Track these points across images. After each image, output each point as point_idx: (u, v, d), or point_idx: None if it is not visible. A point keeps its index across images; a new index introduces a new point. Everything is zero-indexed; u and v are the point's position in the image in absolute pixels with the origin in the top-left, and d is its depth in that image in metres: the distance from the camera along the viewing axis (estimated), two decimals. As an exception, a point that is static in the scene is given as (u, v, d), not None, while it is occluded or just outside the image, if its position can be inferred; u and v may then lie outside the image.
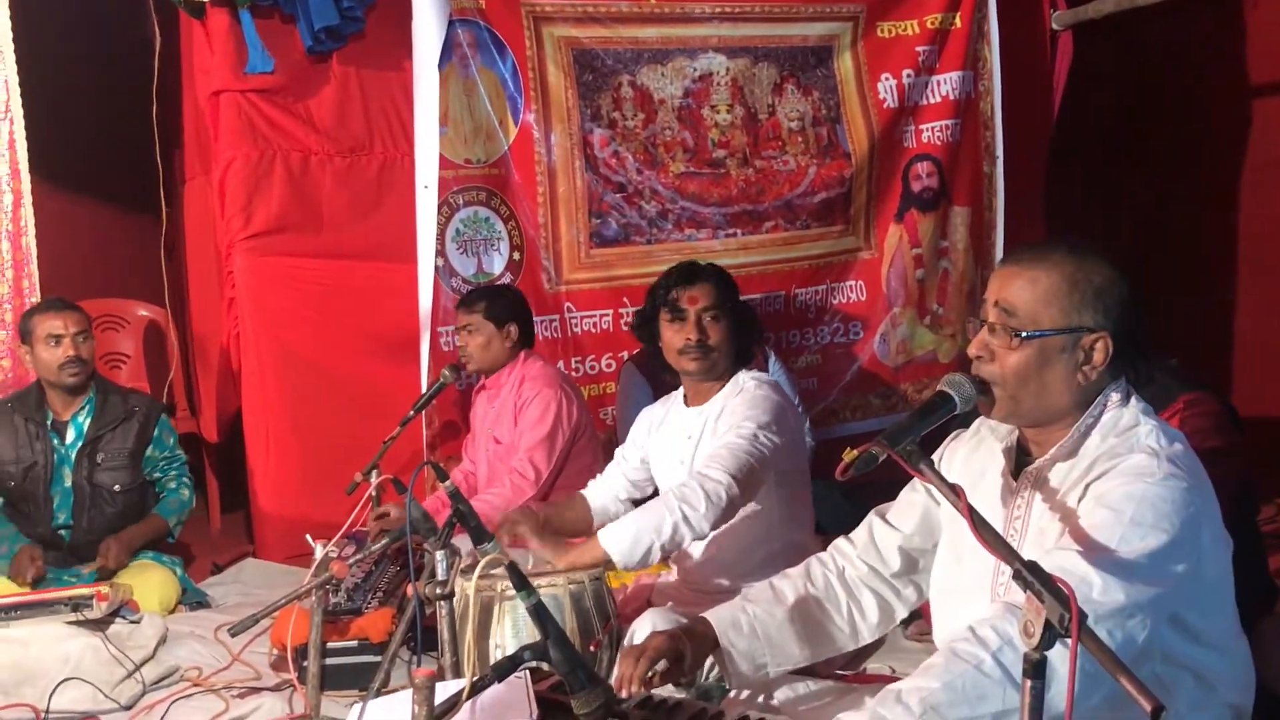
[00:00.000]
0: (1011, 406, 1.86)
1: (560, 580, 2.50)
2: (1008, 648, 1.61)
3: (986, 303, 1.90)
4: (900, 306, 5.51)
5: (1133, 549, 1.67)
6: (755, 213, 5.24)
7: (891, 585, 2.19)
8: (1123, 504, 1.71)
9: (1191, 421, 2.84)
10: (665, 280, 3.10)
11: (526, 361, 4.21)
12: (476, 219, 4.76)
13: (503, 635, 2.45)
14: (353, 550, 3.40)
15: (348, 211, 4.71)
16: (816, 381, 5.43)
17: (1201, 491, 1.77)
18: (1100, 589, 1.62)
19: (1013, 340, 1.83)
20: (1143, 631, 1.65)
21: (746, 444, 2.80)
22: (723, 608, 2.20)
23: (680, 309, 3.02)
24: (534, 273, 4.87)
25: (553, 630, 1.82)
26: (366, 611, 3.20)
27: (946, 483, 1.66)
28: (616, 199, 5.02)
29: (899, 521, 2.19)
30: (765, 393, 2.97)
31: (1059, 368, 1.84)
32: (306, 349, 4.68)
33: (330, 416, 4.69)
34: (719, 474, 2.71)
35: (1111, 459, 1.79)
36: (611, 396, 4.97)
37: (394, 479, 2.93)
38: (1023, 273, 1.86)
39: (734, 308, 3.07)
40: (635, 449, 3.30)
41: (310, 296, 4.67)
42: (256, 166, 4.57)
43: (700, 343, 2.99)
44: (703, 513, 2.66)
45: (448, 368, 4.25)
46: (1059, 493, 1.84)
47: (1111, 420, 1.85)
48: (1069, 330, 1.83)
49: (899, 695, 1.62)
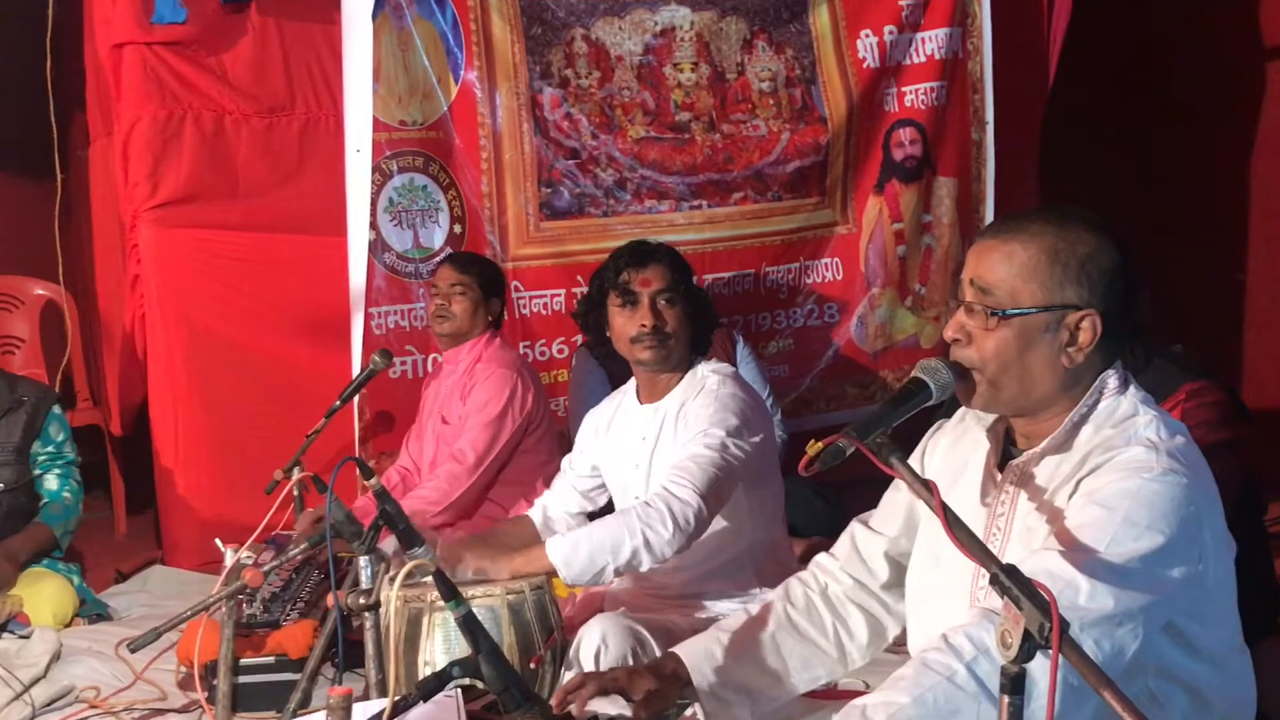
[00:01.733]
0: (992, 394, 1.85)
1: (497, 590, 2.49)
2: (983, 658, 1.61)
3: (963, 281, 1.89)
4: (880, 287, 5.52)
5: (1125, 550, 1.67)
6: (722, 183, 5.24)
7: (880, 599, 2.18)
8: (1116, 501, 1.71)
9: (1194, 413, 2.86)
10: (613, 262, 3.08)
11: (490, 341, 4.20)
12: (413, 187, 4.73)
13: (433, 651, 2.44)
14: (271, 556, 3.37)
15: (267, 178, 4.67)
16: (788, 368, 5.44)
17: (1203, 489, 1.77)
18: (1087, 594, 1.62)
19: (990, 321, 1.82)
20: (1134, 642, 1.65)
21: (716, 456, 2.79)
22: (694, 641, 2.18)
23: (632, 293, 3.01)
24: (477, 248, 4.84)
25: (484, 644, 1.80)
26: (285, 624, 3.18)
27: (919, 479, 1.65)
28: (569, 166, 4.99)
29: (883, 526, 2.18)
30: (731, 390, 2.95)
31: (1042, 350, 1.83)
32: (221, 331, 4.64)
33: (248, 407, 4.66)
34: (687, 493, 2.70)
35: (1106, 452, 1.79)
36: (564, 386, 4.95)
37: (315, 477, 2.91)
38: (999, 246, 1.85)
39: (689, 290, 3.06)
40: (583, 456, 3.28)
41: (225, 273, 4.63)
42: (164, 128, 4.52)
43: (656, 329, 2.98)
44: (667, 538, 2.66)
45: (378, 353, 4.23)
46: (1048, 489, 1.84)
47: (1107, 409, 1.85)
48: (1051, 308, 1.82)
49: (864, 711, 1.62)
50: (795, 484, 4.21)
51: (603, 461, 3.22)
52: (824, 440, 1.70)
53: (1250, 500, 3.01)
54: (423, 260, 4.72)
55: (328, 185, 4.57)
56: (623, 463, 3.14)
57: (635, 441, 3.11)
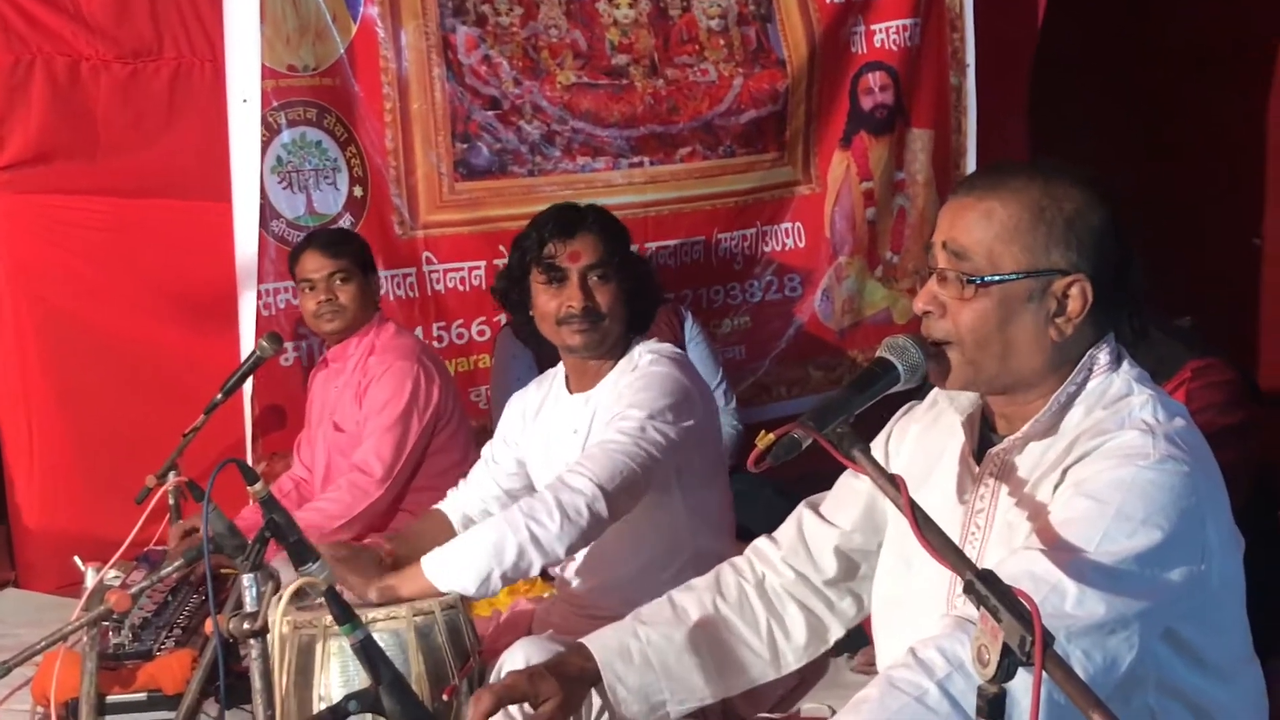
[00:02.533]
0: (970, 373, 1.87)
1: (403, 611, 2.47)
2: (958, 674, 1.62)
3: (934, 246, 1.90)
4: (847, 255, 5.55)
5: (1118, 549, 1.69)
6: (667, 136, 5.24)
7: (824, 597, 2.20)
8: (1108, 493, 1.72)
9: (1200, 394, 2.91)
10: (535, 231, 3.06)
11: (380, 327, 4.18)
12: (304, 143, 4.69)
13: (328, 684, 2.43)
14: (141, 575, 3.33)
15: (132, 134, 4.64)
16: (744, 350, 5.46)
17: (1207, 478, 1.79)
18: (1075, 600, 1.64)
19: (966, 289, 1.84)
20: (1129, 652, 1.67)
21: (628, 441, 2.77)
22: (607, 632, 2.19)
23: (558, 269, 2.99)
24: (382, 214, 4.82)
25: (386, 673, 1.80)
26: (159, 654, 3.14)
27: (885, 473, 1.66)
28: (488, 118, 4.97)
29: (836, 515, 2.19)
30: (664, 370, 2.94)
31: (1025, 321, 1.85)
32: (81, 314, 4.62)
33: (114, 403, 4.64)
34: (582, 482, 2.69)
35: (1096, 436, 1.81)
36: (485, 373, 4.94)
37: (191, 483, 2.88)
38: (976, 204, 1.86)
39: (624, 262, 3.05)
40: (506, 448, 3.27)
41: (85, 246, 4.61)
42: (10, 76, 4.49)
43: (587, 310, 2.97)
44: (555, 533, 2.63)
45: (266, 338, 4.20)
46: (1031, 480, 1.86)
47: (1098, 388, 1.87)
48: (1035, 273, 1.83)
49: None
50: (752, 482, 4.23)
51: (528, 455, 3.21)
52: (777, 431, 1.70)
53: (1262, 492, 3.07)
54: (319, 228, 4.67)
55: (204, 142, 4.54)
56: (550, 458, 3.13)
57: (565, 435, 3.10)
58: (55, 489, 4.61)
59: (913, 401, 2.16)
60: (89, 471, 4.59)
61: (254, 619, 2.36)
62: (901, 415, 2.16)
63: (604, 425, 2.91)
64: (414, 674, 2.44)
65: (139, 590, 2.77)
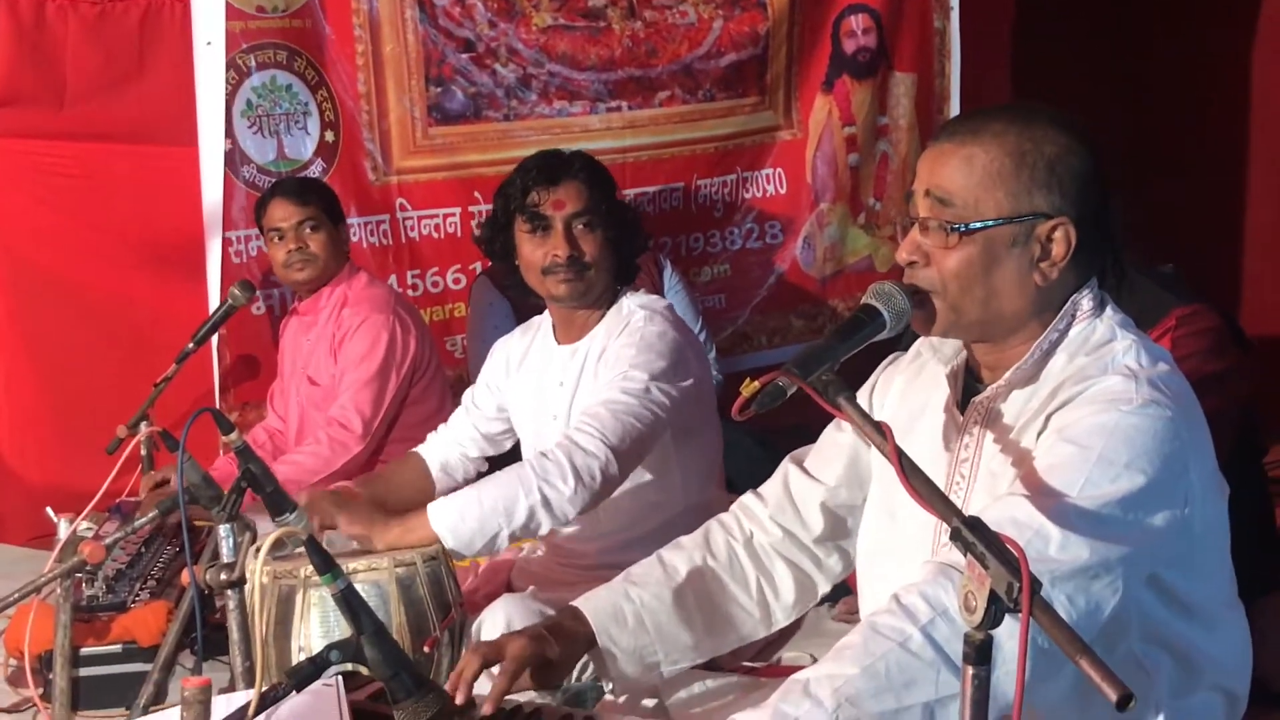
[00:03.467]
0: (953, 319, 1.88)
1: (384, 562, 2.48)
2: (941, 620, 1.63)
3: (915, 194, 1.91)
4: (829, 202, 5.56)
5: (1101, 493, 1.71)
6: (645, 80, 5.22)
7: (812, 554, 2.22)
8: (1090, 438, 1.74)
9: (1186, 341, 2.92)
10: (520, 177, 3.05)
11: (352, 277, 4.18)
12: (275, 87, 4.65)
13: (309, 634, 2.43)
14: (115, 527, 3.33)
15: (100, 77, 4.57)
16: (724, 299, 5.47)
17: (1190, 423, 1.81)
18: (1059, 544, 1.66)
19: (950, 237, 1.84)
20: (1113, 597, 1.69)
21: (635, 403, 2.79)
22: (600, 593, 2.20)
23: (542, 216, 2.98)
24: (354, 159, 4.79)
25: (367, 624, 1.80)
26: (133, 606, 3.16)
27: (871, 420, 1.67)
28: (463, 61, 4.93)
29: (821, 471, 2.21)
30: (660, 329, 2.95)
31: (1010, 267, 1.86)
32: (48, 263, 4.58)
33: (83, 353, 4.61)
34: (594, 444, 2.70)
35: (1079, 383, 1.83)
36: (460, 322, 4.93)
37: (164, 432, 2.87)
38: (957, 150, 1.87)
39: (611, 210, 3.04)
40: (489, 394, 3.27)
41: (51, 193, 4.55)
42: (-30, 17, 4.41)
43: (572, 259, 2.96)
44: (568, 495, 2.66)
45: (237, 285, 4.19)
46: (1015, 427, 1.87)
47: (1081, 335, 1.88)
48: (1019, 218, 1.84)
49: (806, 687, 1.64)
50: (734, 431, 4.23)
51: (513, 404, 3.22)
52: (761, 379, 1.70)
53: (1248, 440, 3.09)
54: (291, 174, 4.65)
55: (174, 86, 4.48)
56: (537, 411, 3.13)
57: (552, 387, 3.10)
58: (25, 440, 4.59)
59: (896, 353, 2.18)
60: (59, 422, 4.57)
61: (231, 570, 2.37)
62: (886, 366, 2.18)
63: (600, 383, 2.91)
64: (395, 625, 2.44)
65: (113, 541, 2.76)
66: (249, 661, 2.39)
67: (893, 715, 1.61)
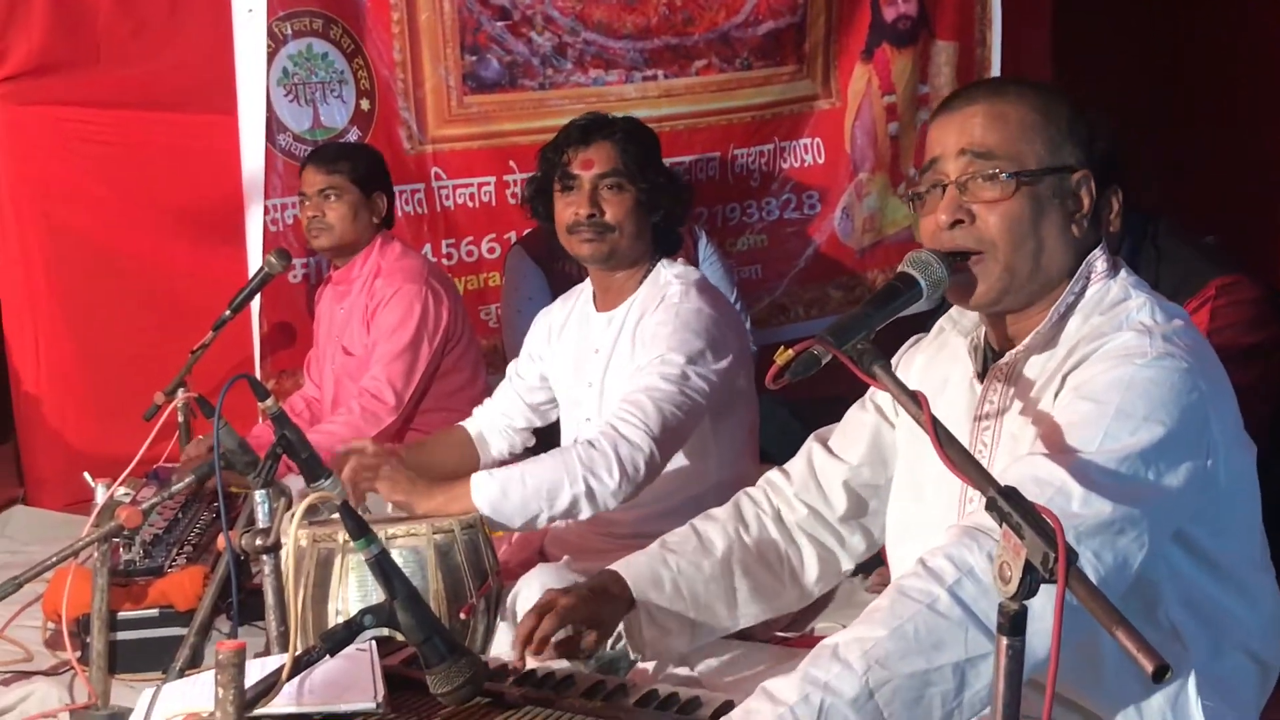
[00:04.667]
0: (1005, 281, 1.88)
1: (422, 528, 2.50)
2: (967, 579, 1.64)
3: (941, 160, 1.91)
4: (868, 172, 5.53)
5: (1121, 447, 1.71)
6: (682, 48, 5.19)
7: (836, 531, 2.24)
8: (1107, 393, 1.75)
9: (1225, 312, 2.91)
10: (560, 137, 3.08)
11: (385, 247, 4.19)
12: (311, 55, 4.66)
13: (346, 598, 2.46)
14: (151, 492, 3.37)
15: (135, 44, 4.58)
16: (760, 269, 5.45)
17: (1208, 376, 1.81)
18: (1081, 499, 1.65)
19: (1005, 186, 1.85)
20: (1139, 551, 1.68)
21: (674, 390, 2.81)
22: (638, 559, 2.23)
23: (572, 175, 2.99)
24: (389, 128, 4.79)
25: (400, 588, 1.82)
26: (170, 571, 3.18)
27: (906, 390, 1.66)
28: (498, 29, 4.92)
29: (844, 450, 2.23)
30: (696, 305, 2.96)
31: (1053, 219, 1.88)
32: (87, 230, 4.59)
33: (122, 319, 4.63)
34: (638, 435, 2.73)
35: (1094, 341, 1.84)
36: (495, 291, 4.94)
37: (201, 399, 2.89)
38: (984, 110, 1.90)
39: (647, 173, 3.04)
40: (532, 363, 3.29)
41: (89, 159, 4.56)
42: (10, -16, 4.42)
43: (592, 219, 2.97)
44: (613, 489, 2.71)
45: (274, 254, 4.21)
46: (1034, 391, 1.88)
47: (1096, 295, 1.90)
48: (1057, 169, 1.88)
49: (836, 651, 1.64)
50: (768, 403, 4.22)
51: (553, 372, 3.23)
52: (796, 347, 1.71)
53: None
54: (327, 142, 4.66)
55: (209, 53, 4.49)
56: (573, 378, 3.15)
57: (587, 355, 3.12)
58: (63, 405, 4.61)
59: (918, 335, 2.18)
60: (97, 388, 4.60)
61: (266, 535, 2.40)
62: (908, 348, 2.20)
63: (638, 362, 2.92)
64: (432, 591, 2.47)
65: (150, 506, 2.81)
66: (284, 626, 2.42)
67: (923, 676, 1.62)
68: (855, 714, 1.60)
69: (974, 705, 1.64)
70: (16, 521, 4.46)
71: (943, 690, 1.62)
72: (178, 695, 2.00)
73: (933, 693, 1.62)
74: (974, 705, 1.64)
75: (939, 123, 1.94)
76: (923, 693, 1.62)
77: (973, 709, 1.65)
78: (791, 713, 1.60)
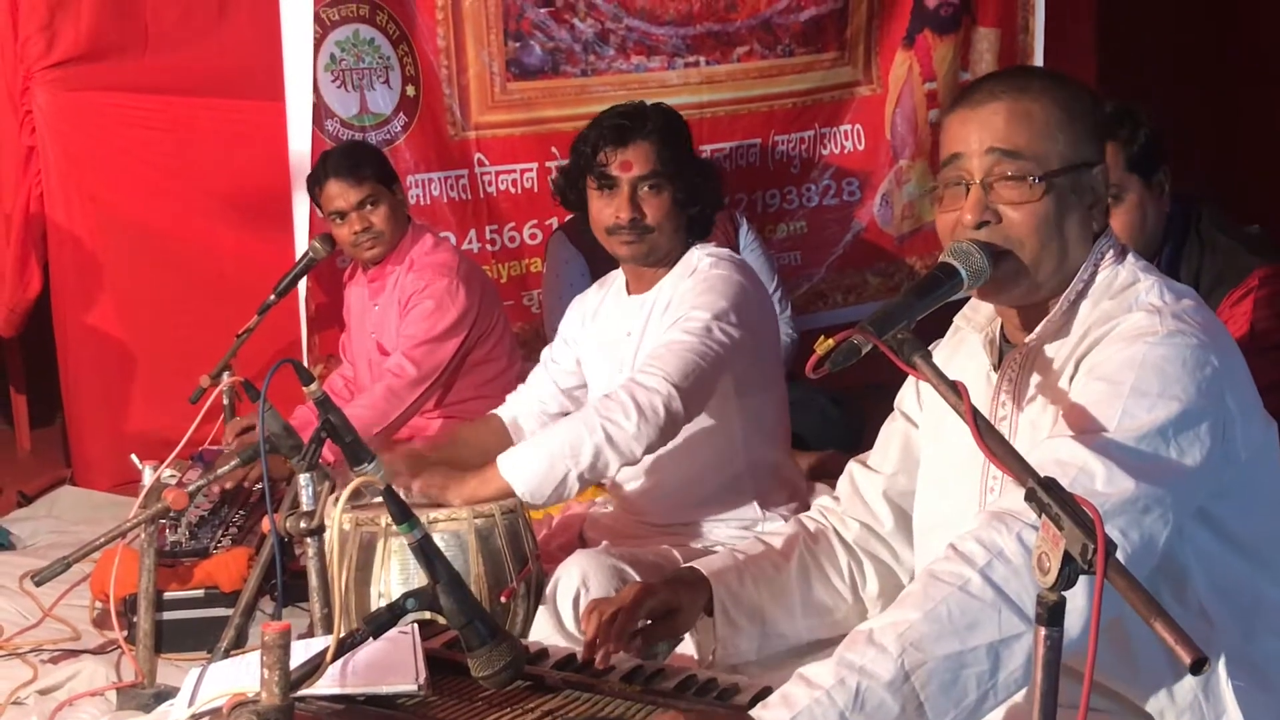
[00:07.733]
0: (1031, 278, 1.87)
1: (463, 513, 2.51)
2: (998, 561, 1.63)
3: (964, 157, 1.89)
4: (908, 158, 5.51)
5: (1139, 424, 1.71)
6: (723, 35, 5.19)
7: (888, 545, 2.23)
8: (1121, 372, 1.75)
9: (1268, 301, 2.88)
10: (592, 132, 3.03)
11: (417, 239, 4.12)
12: (357, 41, 4.67)
13: (389, 581, 2.47)
14: (197, 474, 3.39)
15: (182, 30, 4.62)
16: (800, 256, 5.45)
17: (1221, 352, 1.80)
18: (1104, 478, 1.65)
19: (1033, 188, 1.85)
20: (1164, 528, 1.68)
21: (695, 341, 2.78)
22: (711, 558, 2.23)
23: (609, 177, 2.97)
24: (434, 114, 4.81)
25: (443, 572, 1.82)
26: (215, 552, 3.22)
27: (946, 380, 1.66)
28: (541, 16, 4.93)
29: (879, 463, 2.24)
30: (724, 272, 2.94)
31: (1076, 216, 1.89)
32: (135, 213, 4.62)
33: (169, 303, 4.66)
34: (656, 380, 2.69)
35: (1106, 324, 1.84)
36: (536, 277, 4.95)
37: (246, 383, 2.91)
38: (1010, 106, 1.88)
39: (682, 170, 3.01)
40: (567, 347, 3.28)
41: (137, 144, 4.60)
42: (59, -30, 4.45)
43: (634, 222, 2.95)
44: (633, 432, 2.64)
45: (319, 239, 4.15)
46: (1049, 378, 1.88)
47: (1105, 281, 1.90)
48: (1079, 166, 1.88)
49: (871, 636, 1.64)
50: (807, 391, 4.23)
51: (586, 357, 3.23)
52: (836, 336, 1.70)
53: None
54: (373, 128, 4.69)
55: (256, 39, 4.52)
56: (605, 361, 3.14)
57: (619, 338, 3.11)
58: (110, 388, 4.66)
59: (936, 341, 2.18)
60: (143, 370, 4.64)
61: (310, 518, 2.41)
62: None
63: (664, 327, 2.91)
64: (473, 575, 2.48)
65: (196, 488, 2.82)
66: (327, 608, 2.43)
67: (957, 658, 1.61)
68: (891, 697, 1.60)
69: (1009, 686, 1.64)
70: (64, 501, 4.51)
71: (978, 671, 1.62)
72: (223, 675, 2.02)
73: (968, 674, 1.62)
74: (1009, 686, 1.64)
75: (959, 116, 1.93)
76: (958, 674, 1.62)
77: (1007, 690, 1.65)
78: (828, 696, 1.60)
